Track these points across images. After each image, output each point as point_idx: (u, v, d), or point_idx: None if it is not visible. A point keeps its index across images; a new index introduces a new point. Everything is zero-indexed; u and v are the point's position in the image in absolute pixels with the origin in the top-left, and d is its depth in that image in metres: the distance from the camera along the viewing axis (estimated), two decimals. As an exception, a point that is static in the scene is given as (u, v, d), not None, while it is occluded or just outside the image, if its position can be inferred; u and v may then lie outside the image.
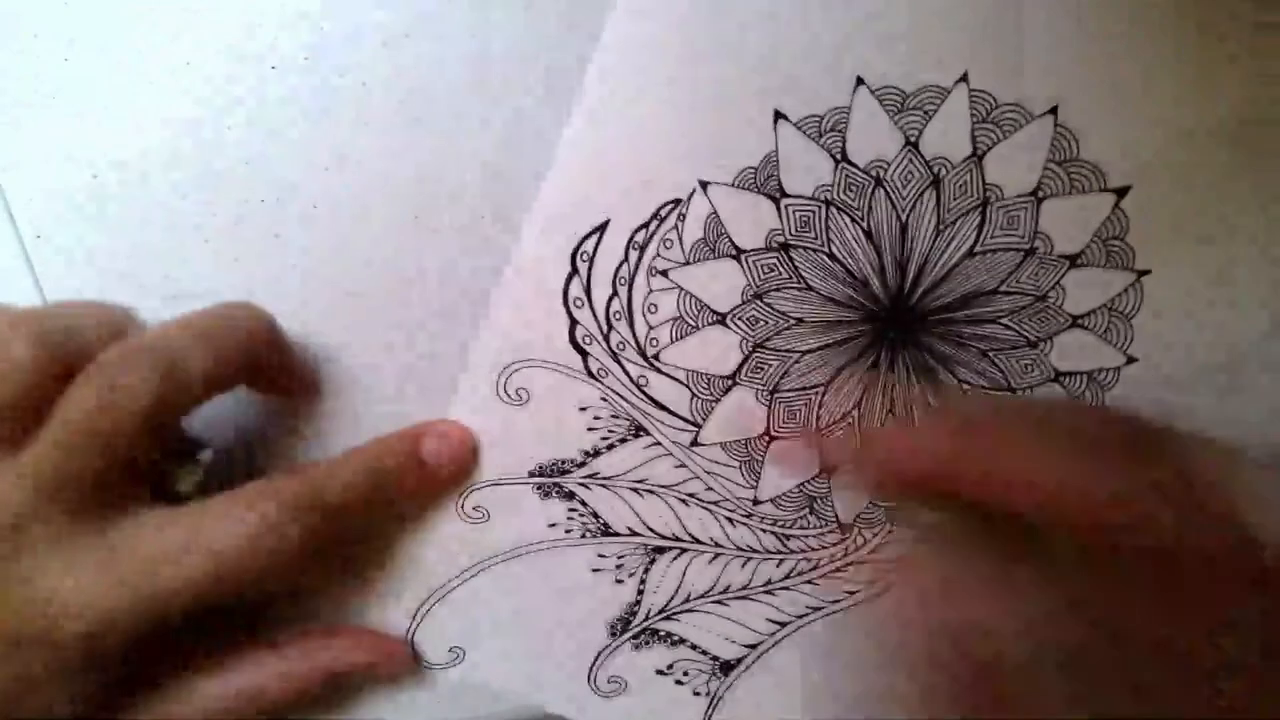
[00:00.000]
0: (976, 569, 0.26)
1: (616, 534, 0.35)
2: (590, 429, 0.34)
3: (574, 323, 0.33)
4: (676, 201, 0.32)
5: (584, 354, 0.33)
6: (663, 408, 0.34)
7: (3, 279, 0.31)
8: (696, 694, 0.38)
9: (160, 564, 0.27)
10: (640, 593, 0.36)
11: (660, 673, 0.37)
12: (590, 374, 0.33)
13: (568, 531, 0.35)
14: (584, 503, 0.35)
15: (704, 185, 0.32)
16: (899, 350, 0.33)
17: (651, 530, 0.35)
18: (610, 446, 0.34)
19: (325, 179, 0.31)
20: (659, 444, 0.34)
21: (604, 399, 0.34)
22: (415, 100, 0.31)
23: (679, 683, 0.37)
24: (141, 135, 0.31)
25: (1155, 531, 0.23)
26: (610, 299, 0.33)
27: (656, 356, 0.33)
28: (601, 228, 0.32)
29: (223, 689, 0.31)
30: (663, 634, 0.37)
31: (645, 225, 0.32)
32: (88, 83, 0.30)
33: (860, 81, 0.31)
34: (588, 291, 0.33)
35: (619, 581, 0.36)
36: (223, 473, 0.32)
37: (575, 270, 0.32)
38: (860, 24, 0.31)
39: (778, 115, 0.31)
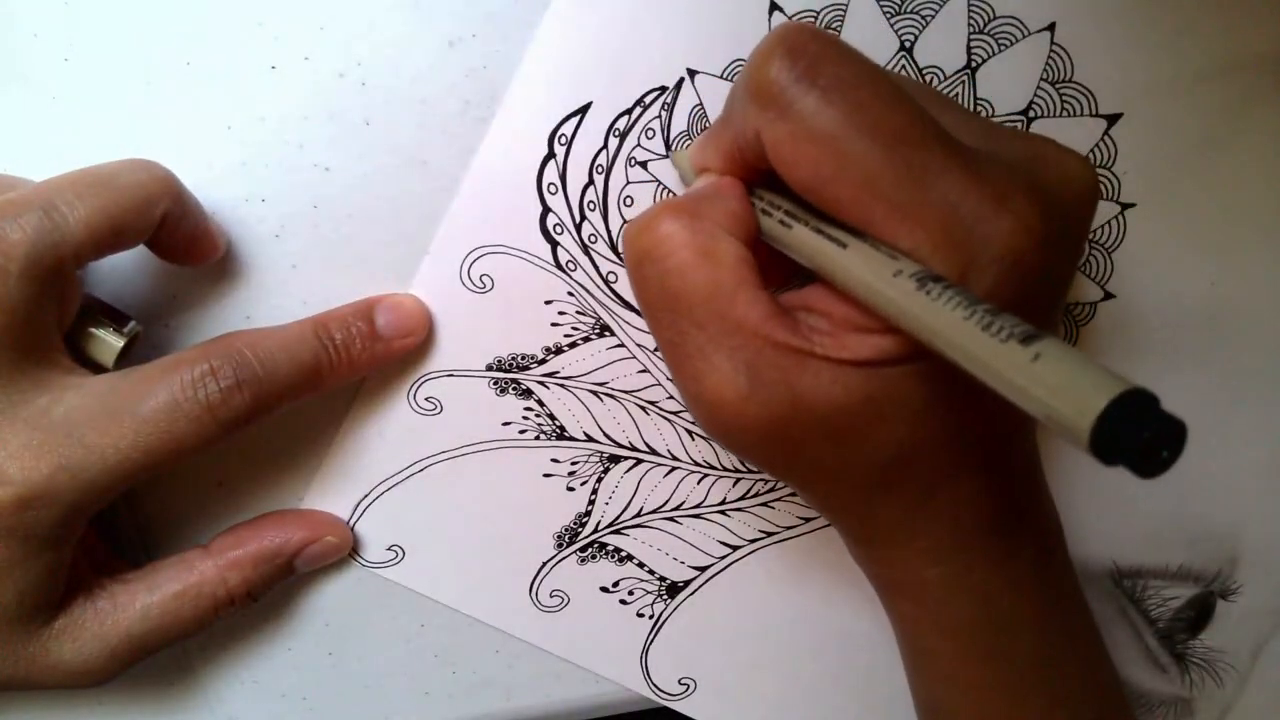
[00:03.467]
0: None
1: (572, 439, 0.34)
2: (554, 324, 0.33)
3: (546, 209, 0.32)
4: (662, 89, 0.31)
5: (554, 244, 0.32)
6: (630, 307, 0.33)
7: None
8: (640, 615, 0.37)
9: (86, 429, 0.26)
10: (591, 503, 0.35)
11: (605, 590, 0.36)
12: (559, 265, 0.32)
13: (521, 432, 0.34)
14: (541, 402, 0.34)
15: (692, 74, 0.31)
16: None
17: (609, 438, 0.34)
18: (573, 345, 0.33)
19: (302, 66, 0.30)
20: (623, 345, 0.33)
21: (570, 293, 0.33)
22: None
23: (624, 602, 0.36)
24: (141, 136, 0.30)
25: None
26: (585, 187, 0.32)
27: (628, 253, 0.32)
28: (583, 110, 0.31)
29: (160, 596, 0.29)
30: (611, 549, 0.36)
31: (628, 111, 0.31)
32: (88, 83, 0.29)
33: (860, -20, 0.30)
34: (563, 178, 0.31)
35: (570, 490, 0.35)
36: (157, 352, 0.31)
37: (552, 153, 0.31)
38: (864, -79, 0.30)
39: (773, 6, 0.30)
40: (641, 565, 0.36)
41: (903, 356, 0.23)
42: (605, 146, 0.31)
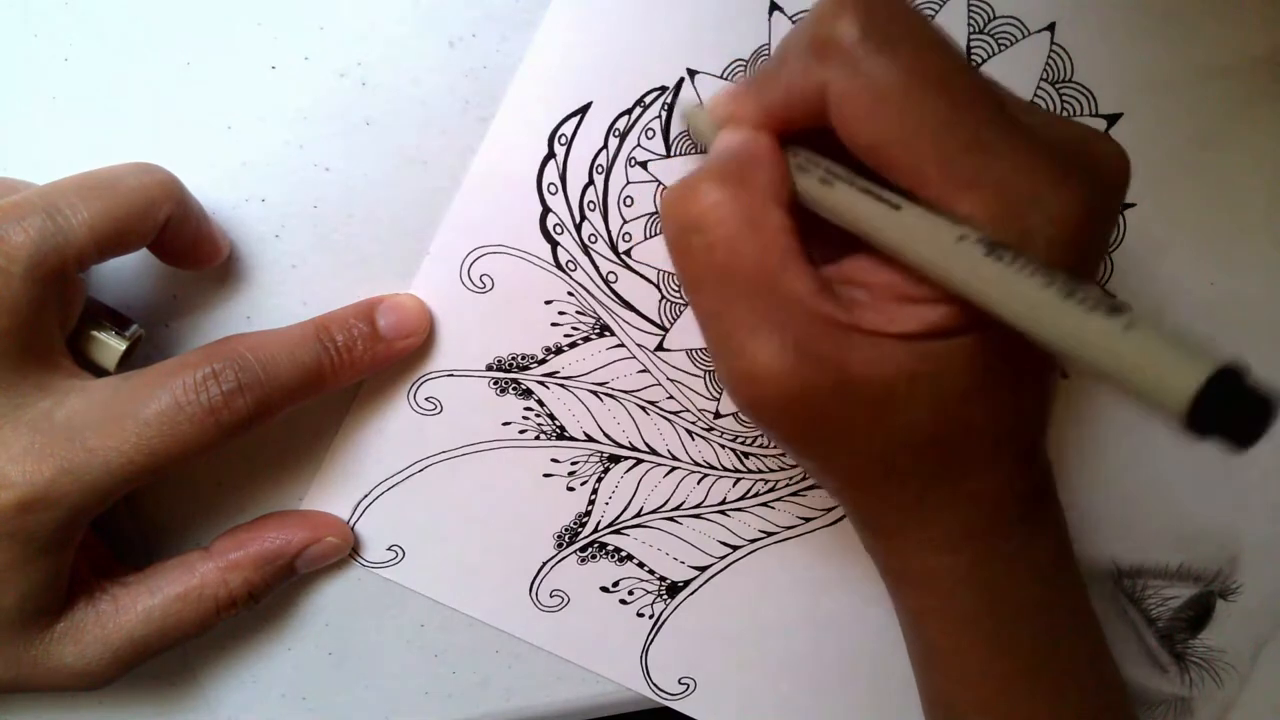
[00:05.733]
0: None
1: (572, 438, 0.34)
2: (554, 324, 0.33)
3: (546, 209, 0.32)
4: (662, 89, 0.31)
5: (554, 244, 0.32)
6: (630, 307, 0.33)
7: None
8: (640, 615, 0.37)
9: (88, 433, 0.26)
10: (591, 503, 0.35)
11: (605, 590, 0.36)
12: (559, 265, 0.32)
13: (521, 432, 0.34)
14: (541, 402, 0.34)
15: (691, 74, 0.31)
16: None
17: (609, 438, 0.34)
18: (573, 344, 0.33)
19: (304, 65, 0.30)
20: (623, 345, 0.33)
21: (570, 293, 0.33)
22: (399, -42, 0.30)
23: (624, 602, 0.36)
24: (141, 136, 0.30)
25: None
26: (585, 188, 0.32)
27: (628, 253, 0.32)
28: (583, 110, 0.31)
29: (162, 598, 0.29)
30: (611, 549, 0.36)
31: (628, 112, 0.31)
32: (88, 83, 0.29)
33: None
34: (563, 178, 0.31)
35: (570, 489, 0.35)
36: (159, 353, 0.31)
37: (552, 153, 0.31)
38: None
39: (773, 6, 0.30)
40: (641, 565, 0.36)
41: (951, 329, 0.22)
42: (605, 146, 0.31)
